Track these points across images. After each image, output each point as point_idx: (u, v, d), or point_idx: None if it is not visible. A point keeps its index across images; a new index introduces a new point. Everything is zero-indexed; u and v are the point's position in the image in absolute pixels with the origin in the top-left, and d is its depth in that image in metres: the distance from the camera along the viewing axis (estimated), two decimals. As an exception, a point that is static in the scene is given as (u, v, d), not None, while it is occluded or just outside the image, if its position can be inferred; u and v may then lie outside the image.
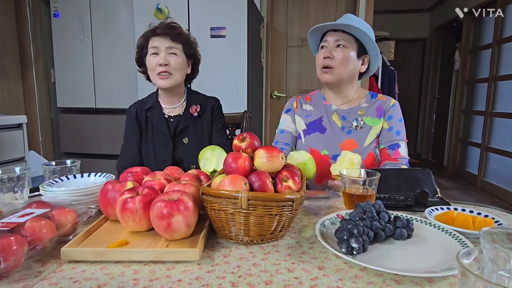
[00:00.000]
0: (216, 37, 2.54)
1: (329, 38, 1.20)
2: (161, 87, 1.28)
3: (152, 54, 1.24)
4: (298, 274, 0.57)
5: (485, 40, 3.93)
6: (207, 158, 1.00)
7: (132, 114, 1.33)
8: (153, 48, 1.24)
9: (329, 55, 1.18)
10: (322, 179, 1.24)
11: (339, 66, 1.18)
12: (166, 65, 1.23)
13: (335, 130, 1.25)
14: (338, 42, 1.18)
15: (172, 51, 1.24)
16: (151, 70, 1.26)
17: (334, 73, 1.19)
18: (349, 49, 1.18)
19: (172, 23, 1.29)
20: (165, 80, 1.24)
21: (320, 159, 1.22)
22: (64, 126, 3.17)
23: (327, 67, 1.19)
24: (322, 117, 1.28)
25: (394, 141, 1.20)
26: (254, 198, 0.64)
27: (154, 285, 0.54)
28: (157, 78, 1.25)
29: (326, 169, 1.18)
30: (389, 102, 1.25)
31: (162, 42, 1.23)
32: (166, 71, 1.23)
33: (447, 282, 0.55)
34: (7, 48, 2.98)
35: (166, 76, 1.24)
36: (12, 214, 0.67)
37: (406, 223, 0.69)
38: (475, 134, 4.09)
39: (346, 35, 1.18)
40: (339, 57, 1.17)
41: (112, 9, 2.97)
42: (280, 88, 3.53)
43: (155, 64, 1.23)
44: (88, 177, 1.00)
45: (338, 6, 3.35)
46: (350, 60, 1.18)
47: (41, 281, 0.55)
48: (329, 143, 1.24)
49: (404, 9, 5.34)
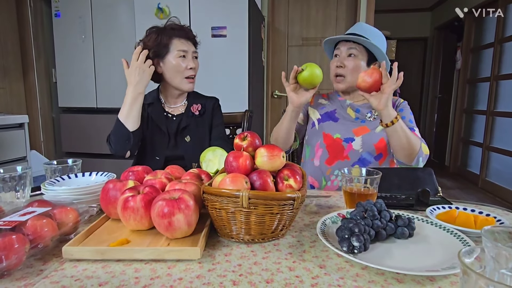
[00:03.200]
0: (217, 37, 2.54)
1: (342, 48, 1.28)
2: (187, 90, 1.32)
3: (180, 57, 1.25)
4: (299, 273, 0.57)
5: (486, 39, 3.92)
6: (209, 159, 1.00)
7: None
8: (182, 51, 1.25)
9: (341, 64, 1.27)
10: (333, 160, 1.27)
11: (350, 75, 1.26)
12: (194, 69, 1.28)
13: (348, 120, 1.31)
14: (350, 51, 1.26)
15: (196, 55, 1.31)
16: (177, 72, 1.26)
17: (346, 81, 1.28)
18: (359, 59, 1.26)
19: (187, 26, 1.32)
20: (192, 84, 1.30)
21: (332, 142, 1.28)
22: (66, 125, 3.18)
23: (339, 75, 1.28)
24: (336, 109, 1.35)
25: (410, 126, 1.23)
26: (255, 197, 0.64)
27: (155, 283, 0.54)
28: (184, 81, 1.28)
29: (337, 151, 1.26)
30: (399, 100, 1.33)
31: (189, 46, 1.28)
32: (194, 75, 1.30)
33: (448, 281, 0.55)
34: (8, 48, 2.99)
35: (193, 80, 1.30)
36: (13, 212, 0.67)
37: (408, 222, 0.69)
38: (477, 134, 4.08)
39: (357, 44, 1.26)
40: (350, 66, 1.25)
41: (113, 8, 2.98)
42: (281, 88, 3.53)
43: (184, 68, 1.26)
44: (90, 176, 1.00)
45: (339, 5, 3.34)
46: (361, 69, 1.26)
47: (43, 280, 0.55)
48: (342, 129, 1.29)
49: (405, 8, 5.33)
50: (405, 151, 1.11)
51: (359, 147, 1.24)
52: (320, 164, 1.29)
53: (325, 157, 1.28)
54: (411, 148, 1.10)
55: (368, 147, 1.24)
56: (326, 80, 1.31)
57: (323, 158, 1.29)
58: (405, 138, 1.09)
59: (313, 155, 1.32)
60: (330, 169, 1.27)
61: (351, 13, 3.33)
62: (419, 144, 1.12)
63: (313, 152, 1.32)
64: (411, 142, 1.09)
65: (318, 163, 1.30)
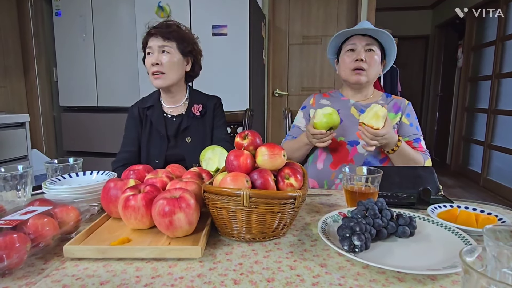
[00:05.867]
0: (218, 35, 2.54)
1: (358, 42, 1.26)
2: (156, 87, 1.29)
3: (147, 55, 1.25)
4: (300, 272, 0.57)
5: (488, 37, 3.91)
6: (208, 158, 1.00)
7: (134, 114, 1.33)
8: (148, 48, 1.24)
9: (363, 58, 1.24)
10: (337, 164, 1.26)
11: (370, 69, 1.26)
12: (158, 65, 1.22)
13: (352, 121, 1.29)
14: (369, 46, 1.25)
15: (164, 49, 1.23)
16: (148, 70, 1.27)
17: (367, 75, 1.26)
18: (377, 53, 1.27)
19: (167, 21, 1.28)
20: (159, 79, 1.24)
21: (336, 145, 1.27)
22: (67, 124, 3.18)
23: (360, 69, 1.25)
24: (339, 110, 1.32)
25: (416, 135, 1.26)
26: (256, 196, 0.64)
27: (156, 282, 0.54)
28: (152, 78, 1.25)
29: (342, 155, 1.25)
30: (404, 101, 1.32)
31: (154, 41, 1.23)
32: (158, 71, 1.22)
33: (449, 279, 0.55)
34: (9, 47, 2.99)
35: (159, 75, 1.23)
36: (15, 211, 0.67)
37: (409, 221, 0.69)
38: (478, 132, 4.07)
39: (372, 39, 1.26)
40: (371, 60, 1.25)
41: (113, 7, 2.97)
42: (282, 86, 3.52)
43: (149, 64, 1.24)
44: (91, 175, 1.00)
45: (340, 3, 3.33)
46: (377, 64, 1.27)
47: (44, 278, 0.55)
48: (346, 131, 1.28)
49: (407, 6, 5.31)
50: None
51: (364, 151, 1.23)
52: (323, 168, 1.28)
53: (329, 161, 1.27)
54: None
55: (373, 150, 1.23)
56: (327, 79, 1.31)
57: (327, 161, 1.27)
58: (407, 161, 1.14)
59: (317, 159, 1.30)
60: (334, 173, 1.26)
61: (352, 11, 3.32)
62: (422, 163, 1.16)
63: (316, 156, 1.31)
64: (415, 162, 1.15)
65: (321, 167, 1.28)
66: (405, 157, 1.15)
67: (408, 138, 1.25)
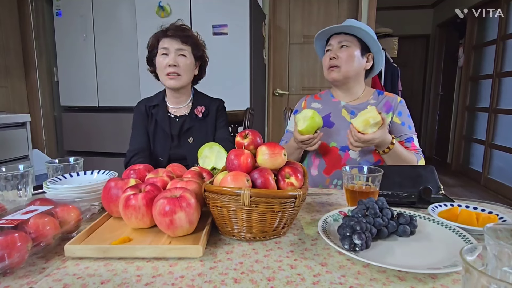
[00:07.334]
0: (218, 35, 2.54)
1: (333, 41, 1.28)
2: (170, 87, 1.31)
3: (162, 55, 1.27)
4: (300, 271, 0.57)
5: (489, 36, 3.90)
6: (205, 155, 1.00)
7: (141, 110, 1.36)
8: (163, 49, 1.27)
9: (334, 56, 1.25)
10: (331, 169, 1.26)
11: (344, 64, 1.24)
12: (175, 66, 1.26)
13: (343, 124, 1.28)
14: (342, 43, 1.26)
15: (182, 52, 1.28)
16: (160, 70, 1.29)
17: (341, 71, 1.25)
18: (352, 48, 1.25)
19: (182, 25, 1.32)
20: (173, 80, 1.27)
21: (328, 151, 1.26)
22: (67, 124, 3.18)
23: (334, 66, 1.26)
24: (330, 113, 1.32)
25: (408, 134, 1.25)
26: (257, 195, 0.64)
27: (157, 281, 0.54)
28: (166, 78, 1.28)
29: (334, 160, 1.24)
30: (396, 99, 1.29)
31: (172, 43, 1.26)
32: (175, 72, 1.27)
33: (450, 278, 0.55)
34: (10, 47, 2.99)
35: (174, 76, 1.27)
36: (16, 211, 0.67)
37: (409, 220, 0.69)
38: (479, 131, 4.07)
39: (348, 36, 1.25)
40: (343, 56, 1.24)
41: (114, 7, 2.97)
42: (283, 86, 3.52)
43: (165, 65, 1.26)
44: (91, 174, 1.00)
45: (341, 2, 3.33)
46: (355, 58, 1.24)
47: (45, 278, 0.55)
48: (337, 135, 1.27)
49: (407, 5, 5.29)
50: None
51: (357, 156, 1.23)
52: (318, 174, 1.28)
53: (322, 167, 1.27)
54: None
55: (365, 155, 1.22)
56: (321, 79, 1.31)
57: (320, 167, 1.28)
58: (400, 162, 1.14)
59: (311, 165, 1.31)
60: (328, 179, 1.26)
61: (353, 11, 3.31)
62: (415, 163, 1.16)
63: (310, 162, 1.32)
64: (407, 163, 1.14)
65: (316, 173, 1.28)
66: (398, 158, 1.14)
67: (400, 138, 1.24)
